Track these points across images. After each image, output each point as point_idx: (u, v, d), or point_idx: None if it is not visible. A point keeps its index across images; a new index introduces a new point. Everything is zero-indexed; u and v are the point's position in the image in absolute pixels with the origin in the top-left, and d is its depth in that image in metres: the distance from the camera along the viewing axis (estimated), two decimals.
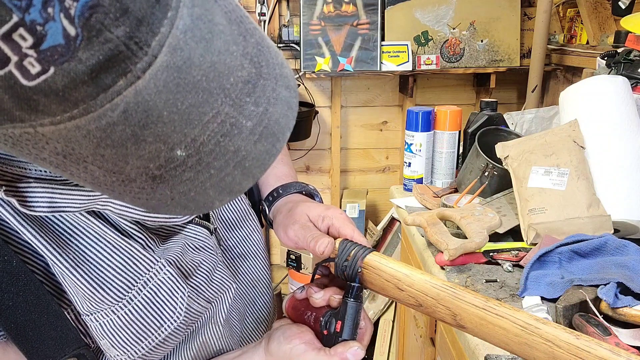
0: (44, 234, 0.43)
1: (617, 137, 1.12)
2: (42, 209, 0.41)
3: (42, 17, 0.23)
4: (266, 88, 0.33)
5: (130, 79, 0.26)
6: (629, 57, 1.34)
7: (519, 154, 1.18)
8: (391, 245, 2.35)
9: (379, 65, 2.29)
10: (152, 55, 0.26)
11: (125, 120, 0.27)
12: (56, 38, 0.24)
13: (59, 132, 0.27)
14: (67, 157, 0.29)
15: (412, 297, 0.50)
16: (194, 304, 0.52)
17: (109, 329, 0.46)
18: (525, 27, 2.39)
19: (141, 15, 0.25)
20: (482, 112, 1.50)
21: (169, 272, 0.49)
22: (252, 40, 0.32)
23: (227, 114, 0.31)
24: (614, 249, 0.93)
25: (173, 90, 0.28)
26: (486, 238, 1.00)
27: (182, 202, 0.33)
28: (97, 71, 0.25)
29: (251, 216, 0.66)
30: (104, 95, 0.26)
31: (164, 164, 0.30)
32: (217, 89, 0.30)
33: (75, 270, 0.44)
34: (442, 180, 1.52)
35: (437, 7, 2.33)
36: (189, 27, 0.27)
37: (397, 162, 2.65)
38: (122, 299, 0.47)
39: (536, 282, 0.92)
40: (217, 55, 0.29)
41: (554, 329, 0.44)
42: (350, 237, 0.57)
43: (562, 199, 1.08)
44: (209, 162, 0.31)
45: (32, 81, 0.25)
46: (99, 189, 0.32)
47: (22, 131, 0.27)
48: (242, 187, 0.34)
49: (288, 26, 2.34)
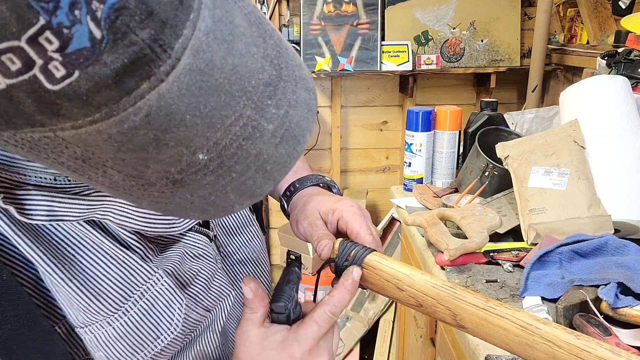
0: (40, 243, 0.42)
1: (618, 137, 1.12)
2: (41, 217, 0.41)
3: (69, 19, 0.23)
4: (286, 90, 0.33)
5: (153, 82, 0.26)
6: (629, 57, 1.34)
7: (519, 154, 1.18)
8: (391, 245, 2.34)
9: (379, 65, 2.28)
10: (176, 58, 0.26)
11: (147, 124, 0.27)
12: (82, 41, 0.23)
13: (79, 136, 0.27)
14: (86, 161, 0.29)
15: (413, 297, 0.50)
16: (192, 313, 0.51)
17: (104, 340, 0.46)
18: (525, 27, 2.39)
19: (165, 18, 0.25)
20: (483, 112, 1.50)
21: (166, 282, 0.48)
22: (272, 42, 0.32)
23: (249, 117, 0.30)
24: (615, 249, 0.93)
25: (196, 93, 0.27)
26: (486, 238, 1.00)
27: (201, 206, 0.33)
28: (121, 74, 0.25)
29: (252, 222, 0.65)
30: (126, 99, 0.26)
31: (185, 168, 0.30)
32: (239, 92, 0.29)
33: (70, 281, 0.43)
34: (442, 180, 1.52)
35: (437, 6, 2.33)
36: (210, 29, 0.27)
37: (397, 162, 2.65)
38: (118, 310, 0.46)
39: (536, 282, 0.92)
40: (239, 58, 0.29)
41: (555, 329, 0.44)
42: (356, 231, 0.56)
43: (562, 199, 1.08)
44: (230, 166, 0.31)
45: (56, 85, 0.24)
46: (117, 193, 0.32)
47: (41, 135, 0.27)
48: (263, 191, 0.34)
49: (288, 26, 2.34)
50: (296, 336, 0.48)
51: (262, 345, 0.48)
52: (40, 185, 0.41)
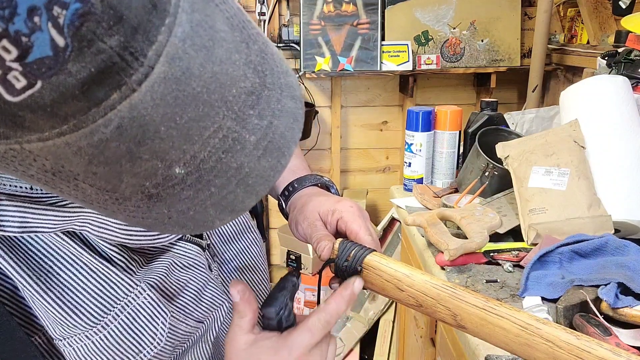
0: (14, 254, 0.41)
1: (618, 137, 1.12)
2: (13, 229, 0.39)
3: (27, 27, 0.21)
4: (271, 99, 0.31)
5: (125, 92, 0.24)
6: (629, 57, 1.34)
7: (519, 153, 1.18)
8: (391, 245, 2.34)
9: (379, 65, 2.28)
10: (149, 66, 0.24)
11: (119, 137, 0.25)
12: (44, 50, 0.22)
13: (48, 148, 0.26)
14: (56, 175, 0.28)
15: (413, 297, 0.50)
16: (181, 325, 0.50)
17: (84, 354, 0.44)
18: (525, 27, 2.39)
19: (137, 23, 0.23)
20: (483, 112, 1.50)
21: (149, 296, 0.46)
22: (255, 47, 0.30)
23: (230, 128, 0.29)
24: (615, 249, 0.93)
25: (171, 103, 0.26)
26: (486, 238, 1.00)
27: (180, 222, 0.31)
28: (88, 84, 0.23)
29: (250, 228, 0.64)
30: (96, 110, 0.24)
31: (161, 182, 0.29)
32: (218, 102, 0.28)
33: (45, 294, 0.42)
34: (442, 180, 1.52)
35: (437, 6, 2.33)
36: (188, 34, 0.25)
37: (397, 162, 2.65)
38: (97, 324, 0.44)
39: (537, 282, 0.92)
40: (219, 65, 0.27)
41: (555, 329, 0.44)
42: (356, 232, 0.56)
43: (562, 199, 1.08)
44: (209, 180, 0.30)
45: (17, 96, 0.23)
46: (91, 207, 0.31)
47: (7, 147, 0.26)
48: (245, 206, 0.32)
49: (288, 26, 2.34)
50: (286, 342, 0.46)
51: (250, 352, 0.47)
52: (15, 195, 0.40)
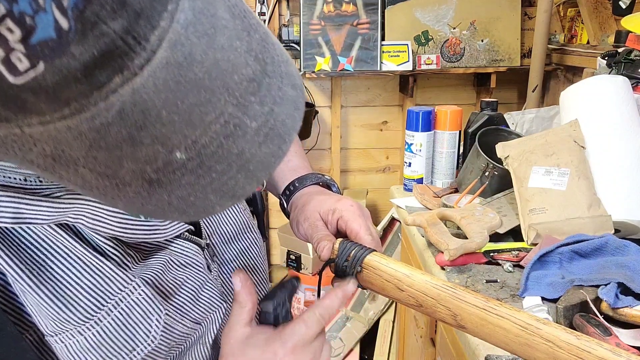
0: (6, 246, 0.40)
1: (618, 137, 1.12)
2: (6, 220, 0.38)
3: (31, 7, 0.21)
4: (272, 87, 0.31)
5: (127, 76, 0.24)
6: (629, 57, 1.34)
7: (519, 154, 1.18)
8: (391, 245, 2.34)
9: (379, 65, 2.28)
10: (151, 51, 0.24)
11: (120, 121, 0.25)
12: (47, 31, 0.22)
13: (48, 132, 0.25)
14: (56, 160, 0.27)
15: (413, 297, 0.50)
16: (177, 325, 0.49)
17: (75, 350, 0.43)
18: (525, 27, 2.39)
19: (140, 8, 0.23)
20: (483, 112, 1.50)
21: (143, 292, 0.45)
22: (257, 36, 0.31)
23: (231, 114, 0.29)
24: (615, 249, 0.93)
25: (173, 88, 0.26)
26: (486, 238, 1.00)
27: (180, 208, 0.31)
28: (91, 68, 0.23)
29: (251, 228, 0.63)
30: (97, 94, 0.24)
31: (162, 167, 0.29)
32: (220, 88, 0.28)
33: (38, 288, 0.41)
34: (442, 180, 1.52)
35: (437, 6, 2.33)
36: (190, 21, 0.26)
37: (397, 162, 2.65)
38: (90, 319, 0.43)
39: (537, 282, 0.92)
40: (221, 52, 0.27)
41: (555, 330, 0.44)
42: (356, 231, 0.56)
43: (562, 199, 1.08)
44: (210, 166, 0.30)
45: (19, 78, 0.23)
46: (91, 193, 0.30)
47: (7, 132, 0.26)
48: (246, 191, 0.32)
49: (288, 26, 2.34)
50: (281, 335, 0.47)
51: (246, 343, 0.48)
52: (9, 186, 0.39)
